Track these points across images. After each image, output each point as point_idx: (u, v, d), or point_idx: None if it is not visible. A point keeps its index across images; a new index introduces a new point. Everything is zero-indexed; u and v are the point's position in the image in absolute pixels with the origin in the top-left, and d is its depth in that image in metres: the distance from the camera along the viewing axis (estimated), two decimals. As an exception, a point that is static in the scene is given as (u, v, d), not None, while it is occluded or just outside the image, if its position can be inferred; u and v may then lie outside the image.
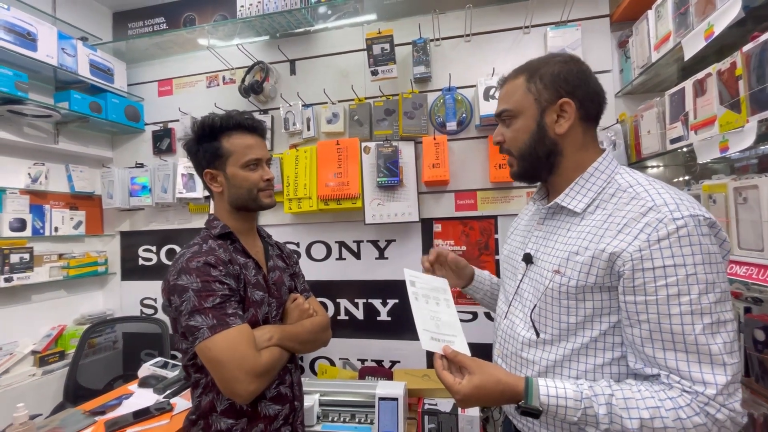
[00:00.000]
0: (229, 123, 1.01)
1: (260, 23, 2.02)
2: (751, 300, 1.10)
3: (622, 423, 0.63)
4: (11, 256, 1.87)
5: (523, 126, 0.81)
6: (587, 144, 0.81)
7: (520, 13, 1.84)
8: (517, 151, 0.83)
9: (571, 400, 0.66)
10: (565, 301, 0.74)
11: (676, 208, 0.65)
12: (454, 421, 1.59)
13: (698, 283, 0.62)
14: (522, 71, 0.83)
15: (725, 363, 0.61)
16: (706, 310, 0.62)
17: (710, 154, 1.14)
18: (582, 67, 0.81)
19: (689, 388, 0.62)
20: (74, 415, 1.29)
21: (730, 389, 0.61)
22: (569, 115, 0.78)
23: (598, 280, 0.70)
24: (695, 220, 0.64)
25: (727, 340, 0.62)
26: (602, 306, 0.71)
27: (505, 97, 0.85)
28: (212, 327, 0.86)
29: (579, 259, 0.72)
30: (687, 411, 0.61)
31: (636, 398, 0.64)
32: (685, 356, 0.62)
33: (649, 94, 1.70)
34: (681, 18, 1.28)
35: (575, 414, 0.65)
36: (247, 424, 0.96)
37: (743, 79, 1.01)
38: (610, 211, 0.72)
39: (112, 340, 2.27)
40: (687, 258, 0.62)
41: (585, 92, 0.79)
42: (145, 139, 2.38)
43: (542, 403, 0.67)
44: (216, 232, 1.02)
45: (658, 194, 0.68)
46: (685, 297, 0.62)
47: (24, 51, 1.78)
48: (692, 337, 0.62)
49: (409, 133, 1.91)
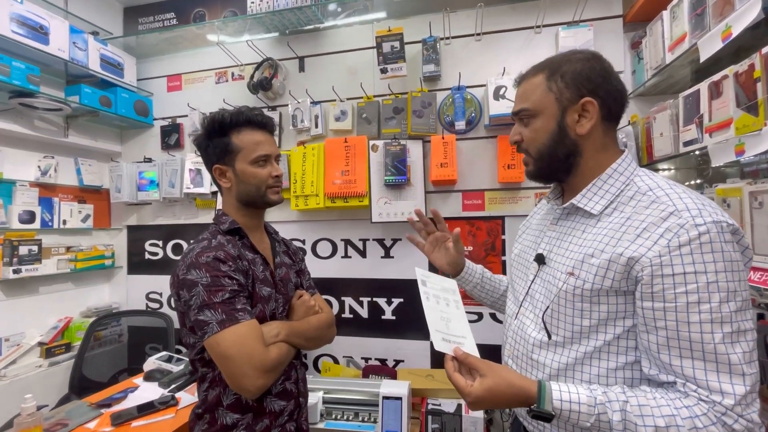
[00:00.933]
0: (239, 119, 1.01)
1: (270, 20, 2.02)
2: (765, 306, 1.08)
3: (636, 430, 0.62)
4: (20, 247, 1.88)
5: (543, 126, 0.79)
6: (607, 145, 0.79)
7: (532, 12, 1.82)
8: (536, 151, 0.81)
9: (585, 406, 0.65)
10: (579, 304, 0.72)
11: (698, 214, 0.63)
12: (457, 422, 1.58)
13: (719, 291, 0.61)
14: (542, 69, 0.80)
15: (744, 373, 0.59)
16: (726, 319, 0.60)
17: (725, 158, 1.12)
18: (604, 65, 0.78)
19: (706, 397, 0.60)
20: (80, 407, 1.30)
21: (748, 399, 0.59)
22: (591, 115, 0.76)
23: (614, 284, 0.68)
24: (718, 227, 0.62)
25: (746, 350, 0.60)
26: (617, 310, 0.70)
27: (523, 95, 0.82)
28: (221, 322, 0.86)
29: (594, 261, 0.71)
30: (703, 420, 0.59)
31: (651, 405, 0.63)
32: (703, 365, 0.61)
33: (661, 96, 1.68)
34: (697, 19, 1.26)
35: (588, 420, 0.65)
36: (252, 419, 0.96)
37: (762, 82, 0.99)
38: (628, 214, 0.71)
39: (118, 333, 2.28)
40: (708, 265, 0.61)
41: (607, 91, 0.76)
42: (154, 134, 2.39)
43: (555, 408, 0.66)
44: (225, 227, 1.02)
45: (680, 198, 0.67)
46: (705, 305, 0.61)
47: (36, 44, 1.79)
48: (711, 346, 0.60)
49: (417, 131, 1.90)
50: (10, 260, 1.85)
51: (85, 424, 1.20)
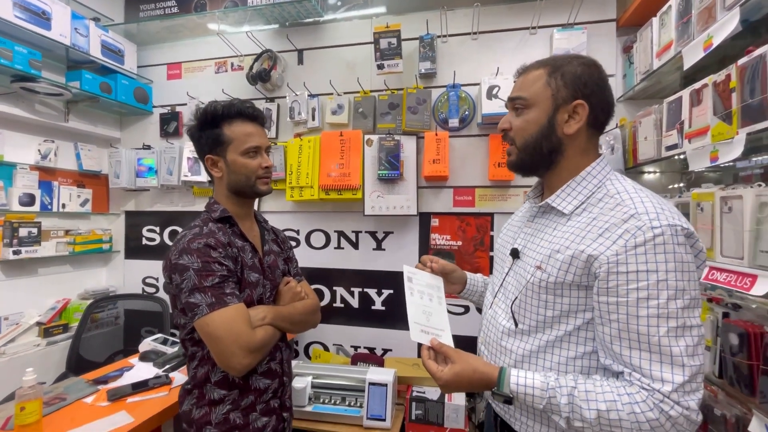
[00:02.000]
0: (230, 111, 1.05)
1: (270, 11, 2.04)
2: (731, 306, 1.13)
3: (581, 413, 0.68)
4: (20, 229, 1.93)
5: (534, 118, 0.82)
6: (589, 149, 0.83)
7: (528, 13, 1.85)
8: (522, 142, 0.84)
9: (538, 390, 0.71)
10: (543, 296, 0.78)
11: (656, 217, 0.68)
12: (440, 409, 1.65)
13: (668, 289, 0.65)
14: (545, 64, 0.83)
15: (684, 364, 0.64)
16: (672, 315, 0.65)
17: (701, 163, 1.17)
18: (602, 75, 0.81)
19: (647, 385, 0.66)
20: (78, 383, 1.36)
21: (687, 388, 0.64)
22: (580, 118, 0.79)
23: (575, 278, 0.74)
24: (672, 230, 0.67)
25: (690, 344, 0.65)
26: (578, 303, 0.75)
27: (522, 84, 0.85)
28: (211, 305, 0.92)
29: (559, 257, 0.76)
30: (642, 406, 0.65)
31: (596, 392, 0.68)
32: (648, 356, 0.66)
33: (650, 100, 1.72)
34: (683, 27, 1.29)
35: (541, 402, 0.71)
36: (238, 395, 1.02)
37: (737, 92, 1.03)
38: (595, 214, 0.75)
39: (114, 316, 2.34)
40: (660, 264, 0.66)
41: (599, 99, 0.80)
42: (153, 121, 2.42)
43: (512, 390, 0.73)
44: (216, 215, 1.07)
45: (641, 202, 0.71)
46: (654, 301, 0.66)
47: (38, 29, 1.81)
48: (656, 339, 0.65)
49: (411, 127, 1.94)
50: (10, 241, 1.90)
51: (83, 399, 1.26)
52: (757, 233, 0.96)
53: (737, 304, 1.12)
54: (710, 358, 1.14)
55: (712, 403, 1.18)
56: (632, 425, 0.65)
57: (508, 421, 0.86)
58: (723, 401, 1.15)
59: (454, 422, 1.63)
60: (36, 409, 1.05)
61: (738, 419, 1.08)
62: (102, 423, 1.12)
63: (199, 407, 1.01)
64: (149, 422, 1.17)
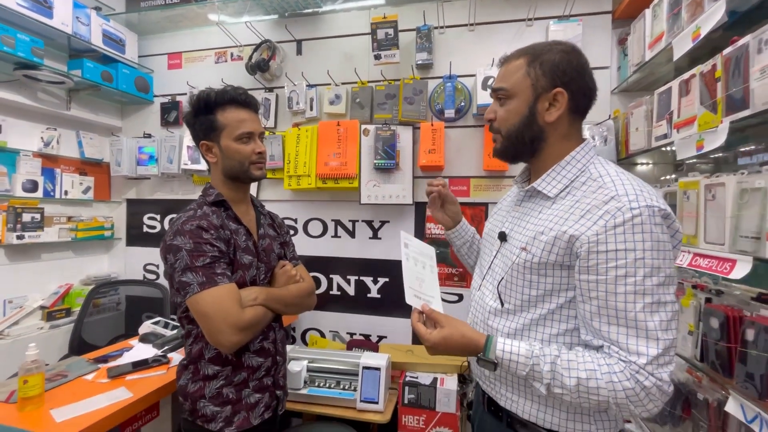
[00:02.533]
0: (223, 97, 1.08)
1: (270, 2, 2.06)
2: (714, 292, 1.16)
3: (562, 380, 0.71)
4: (23, 215, 1.97)
5: (516, 108, 0.84)
6: (571, 135, 0.85)
7: (524, 5, 1.86)
8: (505, 131, 0.87)
9: (523, 357, 0.74)
10: (528, 276, 0.81)
11: (635, 198, 0.71)
12: (432, 393, 1.68)
13: (644, 267, 0.68)
14: (524, 53, 0.84)
15: (659, 338, 0.68)
16: (648, 291, 0.68)
17: (688, 152, 1.19)
18: (581, 60, 0.82)
19: (625, 357, 0.69)
20: (79, 362, 1.40)
21: (660, 361, 0.68)
22: (560, 105, 0.81)
23: (558, 258, 0.77)
24: (650, 210, 0.70)
25: (664, 319, 0.69)
26: (561, 282, 0.78)
27: (504, 75, 0.86)
28: (201, 284, 0.95)
29: (543, 238, 0.79)
30: (620, 376, 0.68)
31: (578, 361, 0.72)
32: (626, 330, 0.70)
33: (643, 92, 1.73)
34: (674, 18, 1.31)
35: (525, 369, 0.74)
36: (231, 371, 1.06)
37: (721, 82, 1.05)
38: (578, 197, 0.78)
39: (116, 301, 2.39)
40: (638, 243, 0.68)
41: (579, 86, 0.81)
42: (154, 110, 2.45)
43: (497, 357, 0.76)
44: (210, 199, 1.10)
45: (622, 184, 0.74)
46: (631, 278, 0.68)
47: (40, 18, 1.84)
48: (633, 314, 0.69)
49: (408, 118, 1.96)
50: (14, 226, 1.94)
51: (84, 376, 1.30)
52: (738, 219, 0.98)
53: (720, 290, 1.15)
54: (692, 342, 1.17)
55: (695, 388, 1.21)
56: (609, 393, 0.69)
57: (494, 397, 0.90)
58: (706, 386, 1.19)
59: (446, 406, 1.67)
60: (38, 382, 1.10)
61: (720, 403, 1.11)
62: (102, 398, 1.16)
63: (194, 382, 1.05)
64: (147, 398, 1.21)
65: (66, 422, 1.04)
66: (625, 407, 0.69)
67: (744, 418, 0.94)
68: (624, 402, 0.69)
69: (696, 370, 1.19)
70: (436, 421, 1.66)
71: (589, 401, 0.71)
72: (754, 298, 1.05)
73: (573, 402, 0.73)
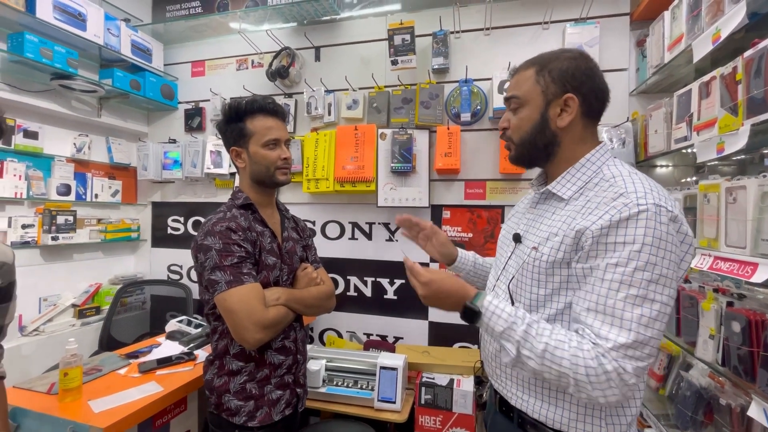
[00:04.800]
0: (252, 106, 1.14)
1: (289, 10, 2.12)
2: (736, 296, 1.15)
3: (532, 343, 0.74)
4: (58, 217, 2.08)
5: (528, 115, 0.87)
6: (586, 138, 0.87)
7: (540, 8, 1.87)
8: (518, 138, 0.89)
9: (505, 314, 0.78)
10: (536, 275, 0.83)
11: (643, 196, 0.72)
12: (449, 394, 1.70)
13: (638, 260, 0.69)
14: (533, 63, 0.87)
15: (631, 329, 0.68)
16: (635, 284, 0.69)
17: (709, 155, 1.19)
18: (590, 64, 0.84)
19: (595, 340, 0.71)
20: (112, 357, 1.48)
21: (629, 352, 0.68)
22: (572, 110, 0.83)
23: (565, 255, 0.78)
24: (657, 208, 0.71)
25: (645, 315, 0.68)
26: (568, 280, 0.80)
27: (515, 84, 0.89)
28: (229, 282, 1.01)
29: (554, 238, 0.81)
30: (585, 354, 0.70)
31: (552, 330, 0.75)
32: (602, 317, 0.71)
33: (662, 94, 1.72)
34: (693, 20, 1.30)
35: (503, 325, 0.77)
36: (254, 367, 1.11)
37: (742, 84, 1.05)
38: (590, 197, 0.80)
39: (141, 300, 2.48)
40: (638, 237, 0.69)
41: (590, 89, 0.83)
42: (178, 116, 2.54)
43: (483, 307, 0.80)
44: (239, 202, 1.16)
45: (632, 183, 0.75)
46: (621, 268, 0.70)
47: (75, 30, 1.95)
48: (612, 302, 0.70)
49: (424, 122, 1.99)
50: (49, 228, 2.05)
51: (117, 371, 1.37)
52: (759, 222, 0.98)
53: (742, 294, 1.14)
54: (713, 346, 1.16)
55: (718, 393, 1.20)
56: (571, 366, 0.70)
57: (506, 396, 0.91)
58: (729, 391, 1.17)
59: (462, 407, 1.68)
60: (78, 375, 1.17)
61: (743, 409, 1.10)
62: (135, 391, 1.23)
63: (219, 377, 1.10)
64: (176, 392, 1.27)
65: (103, 413, 1.10)
66: (583, 386, 0.70)
67: (767, 422, 0.93)
68: (583, 380, 0.70)
69: (718, 375, 1.18)
70: (453, 421, 1.68)
71: (551, 371, 0.73)
72: (778, 302, 1.04)
73: (537, 370, 0.75)
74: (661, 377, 1.48)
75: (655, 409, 1.44)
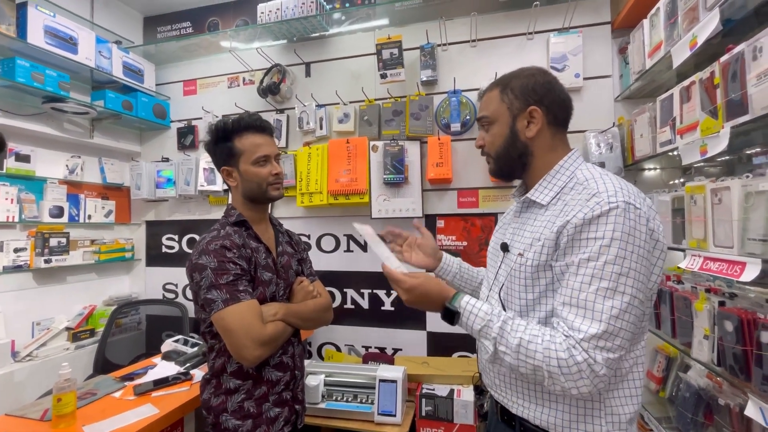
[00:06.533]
0: (239, 125, 1.15)
1: (278, 28, 2.16)
2: (728, 295, 1.16)
3: (507, 338, 0.78)
4: (50, 239, 2.06)
5: (499, 131, 0.93)
6: (556, 145, 0.92)
7: (524, 19, 1.92)
8: (494, 153, 0.95)
9: (482, 312, 0.82)
10: (524, 280, 0.85)
11: (614, 194, 0.76)
12: (449, 405, 1.69)
13: (608, 255, 0.72)
14: (497, 84, 0.95)
15: (602, 320, 0.71)
16: (606, 277, 0.72)
17: (693, 157, 1.21)
18: (547, 78, 0.92)
19: (567, 332, 0.74)
20: (107, 380, 1.45)
21: (600, 343, 0.71)
22: (537, 120, 0.89)
23: (548, 258, 0.82)
24: (626, 205, 0.74)
25: (616, 306, 0.71)
26: (553, 282, 0.82)
27: (484, 105, 0.97)
28: (225, 300, 1.00)
29: (537, 243, 0.84)
30: (557, 346, 0.73)
31: (526, 326, 0.79)
32: (575, 310, 0.74)
33: (646, 99, 1.75)
34: (671, 28, 1.34)
35: (480, 323, 0.81)
36: (252, 385, 1.10)
37: (720, 88, 1.08)
38: (567, 201, 0.84)
39: (137, 321, 2.46)
40: (607, 233, 0.73)
41: (551, 100, 0.89)
42: (171, 135, 2.56)
43: (461, 306, 0.84)
44: (232, 220, 1.16)
45: (603, 183, 0.80)
46: (593, 263, 0.73)
47: (67, 54, 1.96)
48: (585, 294, 0.73)
49: (415, 133, 2.02)
50: (42, 251, 2.03)
51: (111, 394, 1.35)
52: (745, 222, 0.99)
53: (734, 293, 1.15)
54: (708, 347, 1.17)
55: (716, 393, 1.20)
56: (544, 359, 0.73)
57: (506, 405, 0.92)
58: (727, 391, 1.18)
59: (464, 418, 1.67)
60: (71, 400, 1.15)
61: (742, 408, 1.10)
62: (130, 414, 1.21)
63: (216, 396, 1.09)
64: (172, 414, 1.25)
65: (98, 438, 1.08)
66: (557, 378, 0.73)
67: (764, 421, 0.93)
68: (556, 372, 0.72)
69: (716, 375, 1.18)
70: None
71: (527, 365, 0.76)
72: (769, 300, 1.05)
73: (513, 365, 0.78)
74: (661, 379, 1.48)
75: (656, 412, 1.44)
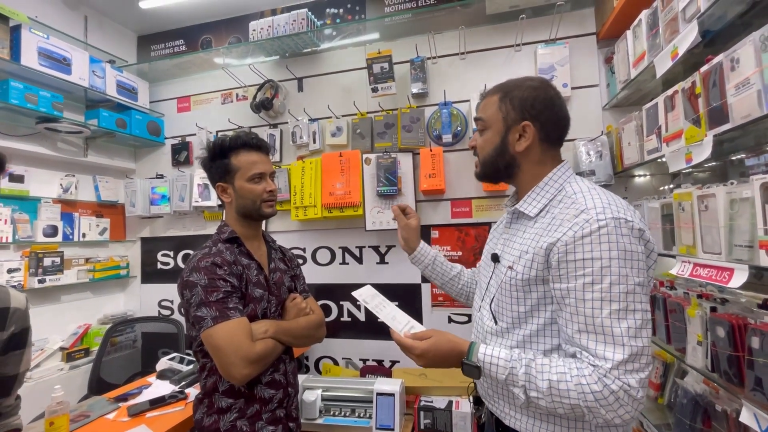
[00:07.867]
0: (236, 142, 1.17)
1: (270, 45, 2.19)
2: (720, 300, 1.17)
3: (536, 383, 0.75)
4: (44, 259, 2.05)
5: (490, 138, 0.93)
6: (545, 160, 0.92)
7: (511, 32, 1.95)
8: (482, 158, 0.96)
9: (502, 360, 0.79)
10: (515, 293, 0.85)
11: (602, 211, 0.76)
12: (448, 417, 1.68)
13: (611, 275, 0.72)
14: (499, 89, 0.94)
15: (624, 344, 0.70)
16: (615, 298, 0.72)
17: (679, 165, 1.23)
18: (549, 94, 0.91)
19: (593, 362, 0.72)
20: (100, 401, 1.44)
21: (628, 367, 0.70)
22: (528, 136, 0.89)
23: (539, 273, 0.81)
24: (616, 222, 0.74)
25: (632, 326, 0.71)
26: (545, 296, 0.82)
27: (482, 107, 0.96)
28: (215, 318, 1.00)
29: (526, 255, 0.84)
30: (588, 379, 0.71)
31: (551, 365, 0.76)
32: (595, 336, 0.73)
33: (633, 107, 1.78)
34: (653, 38, 1.38)
35: (504, 373, 0.78)
36: (244, 404, 1.09)
37: (702, 97, 1.10)
38: (555, 214, 0.84)
39: (132, 339, 2.43)
40: (604, 252, 0.73)
41: (547, 117, 0.89)
42: (165, 152, 2.57)
43: (479, 360, 0.81)
44: (225, 236, 1.16)
45: (591, 199, 0.80)
46: (598, 285, 0.73)
47: (60, 75, 1.98)
48: (600, 320, 0.72)
49: (407, 145, 2.04)
50: (36, 271, 2.02)
51: (105, 416, 1.34)
52: (731, 228, 1.01)
53: (725, 299, 1.16)
54: (702, 352, 1.17)
55: (713, 399, 1.20)
56: (579, 396, 0.71)
57: (500, 416, 0.91)
58: (723, 396, 1.18)
59: (462, 430, 1.65)
60: (64, 424, 1.13)
61: (738, 414, 1.10)
62: (123, 436, 1.19)
63: (209, 415, 1.08)
64: (167, 435, 1.24)
65: (90, 462, 1.07)
66: (596, 411, 0.71)
67: (758, 427, 0.93)
68: (594, 405, 0.71)
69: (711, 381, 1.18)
70: (454, 445, 1.65)
71: (563, 405, 0.73)
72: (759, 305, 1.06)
73: (549, 407, 0.75)
74: (658, 386, 1.48)
75: (655, 420, 1.43)
